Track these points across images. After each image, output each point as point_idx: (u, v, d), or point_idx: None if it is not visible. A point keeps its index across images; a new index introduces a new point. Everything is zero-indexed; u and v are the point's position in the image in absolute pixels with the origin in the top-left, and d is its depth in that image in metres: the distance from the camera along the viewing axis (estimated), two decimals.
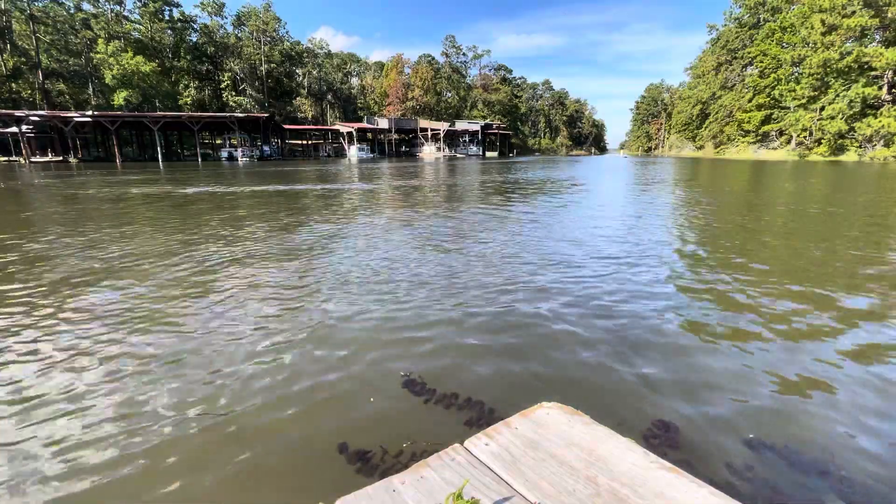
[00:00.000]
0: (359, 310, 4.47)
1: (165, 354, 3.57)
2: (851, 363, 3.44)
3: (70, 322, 4.20)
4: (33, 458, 2.41)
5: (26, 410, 2.84)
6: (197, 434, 2.61)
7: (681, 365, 3.41)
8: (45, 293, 5.00)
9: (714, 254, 7.02)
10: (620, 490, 1.27)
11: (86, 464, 2.37)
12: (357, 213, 11.47)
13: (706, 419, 2.74)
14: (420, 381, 3.12)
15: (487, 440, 1.52)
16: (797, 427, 2.68)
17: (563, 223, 9.80)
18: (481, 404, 2.85)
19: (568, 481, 1.31)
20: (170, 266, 6.12)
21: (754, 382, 3.16)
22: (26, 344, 3.75)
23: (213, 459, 2.40)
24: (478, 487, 1.30)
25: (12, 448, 2.49)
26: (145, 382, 3.16)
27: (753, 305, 4.63)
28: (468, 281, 5.43)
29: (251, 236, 8.24)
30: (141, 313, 4.40)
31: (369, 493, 1.29)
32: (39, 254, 6.87)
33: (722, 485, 2.15)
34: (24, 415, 2.79)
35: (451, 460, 1.43)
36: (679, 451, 2.44)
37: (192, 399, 2.95)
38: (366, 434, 2.58)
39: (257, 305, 4.62)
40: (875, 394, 3.03)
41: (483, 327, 4.08)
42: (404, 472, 1.39)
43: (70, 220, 10.30)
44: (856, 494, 2.17)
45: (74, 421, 2.73)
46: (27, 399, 2.96)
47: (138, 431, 2.63)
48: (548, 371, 3.34)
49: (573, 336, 3.90)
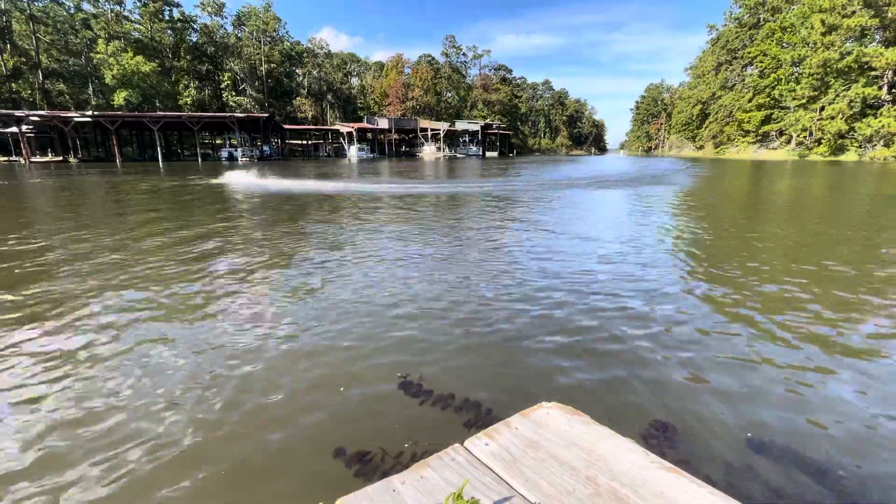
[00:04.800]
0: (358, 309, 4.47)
1: (160, 354, 3.57)
2: (851, 363, 3.44)
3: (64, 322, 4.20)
4: (17, 458, 2.42)
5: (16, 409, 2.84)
6: (196, 434, 2.61)
7: (681, 365, 3.41)
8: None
9: (715, 253, 7.02)
10: (620, 490, 1.27)
11: (81, 465, 2.37)
12: (347, 216, 11.47)
13: (706, 419, 2.74)
14: (416, 383, 3.12)
15: (487, 440, 1.52)
16: (797, 427, 2.68)
17: (564, 221, 9.80)
18: (479, 405, 2.85)
19: (568, 481, 1.31)
20: (168, 263, 6.12)
21: (754, 382, 3.16)
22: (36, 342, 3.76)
23: (213, 459, 2.40)
24: (478, 487, 1.30)
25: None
26: (142, 383, 3.16)
27: (753, 305, 4.63)
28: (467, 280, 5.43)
29: (231, 235, 8.24)
30: (138, 311, 4.41)
31: (369, 494, 1.29)
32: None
33: (722, 485, 2.15)
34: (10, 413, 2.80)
35: (451, 460, 1.43)
36: (679, 451, 2.44)
37: (191, 399, 2.95)
38: (365, 435, 2.58)
39: (255, 305, 4.62)
40: (875, 394, 3.03)
41: (482, 326, 4.08)
42: (404, 472, 1.39)
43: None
44: (856, 494, 2.17)
45: (64, 420, 2.73)
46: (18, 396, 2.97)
47: (134, 433, 2.63)
48: (547, 371, 3.34)
49: (573, 335, 3.90)
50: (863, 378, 3.23)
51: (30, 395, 3.01)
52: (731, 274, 5.79)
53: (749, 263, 6.30)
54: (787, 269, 6.07)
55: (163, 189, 17.96)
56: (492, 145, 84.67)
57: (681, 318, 4.30)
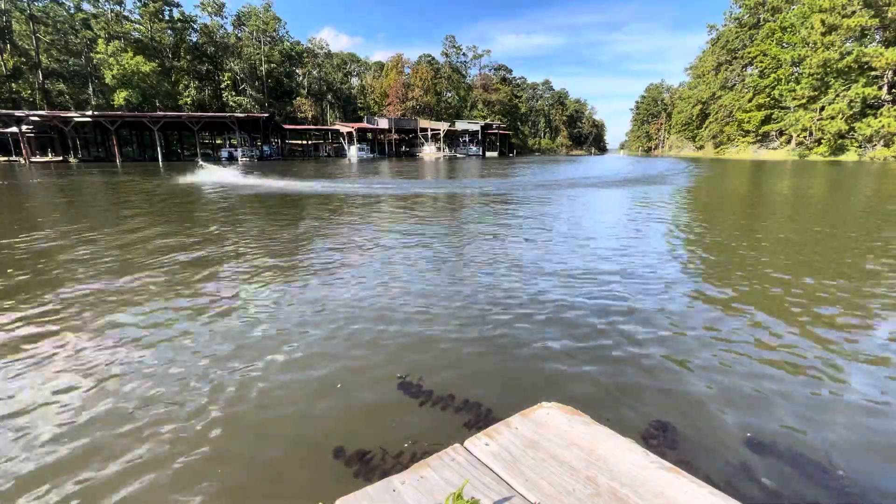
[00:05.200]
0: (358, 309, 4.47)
1: (159, 355, 3.57)
2: (850, 363, 3.44)
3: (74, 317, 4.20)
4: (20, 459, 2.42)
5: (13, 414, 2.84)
6: (196, 434, 2.61)
7: (681, 365, 3.41)
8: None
9: (717, 253, 7.02)
10: (620, 490, 1.27)
11: (78, 467, 2.37)
12: (347, 217, 11.47)
13: (706, 419, 2.74)
14: (416, 383, 3.12)
15: (487, 440, 1.52)
16: (797, 427, 2.68)
17: (562, 218, 9.79)
18: (479, 405, 2.84)
19: (568, 481, 1.31)
20: (164, 261, 6.12)
21: (754, 382, 3.16)
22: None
23: (213, 460, 2.40)
24: (478, 487, 1.30)
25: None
26: (139, 383, 3.16)
27: (754, 306, 4.63)
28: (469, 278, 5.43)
29: (218, 237, 8.25)
30: (136, 310, 4.41)
31: (369, 493, 1.29)
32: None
33: (722, 485, 2.15)
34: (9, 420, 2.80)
35: (451, 460, 1.43)
36: (679, 451, 2.44)
37: (191, 400, 2.95)
38: (365, 435, 2.58)
39: (253, 305, 4.62)
40: (875, 394, 3.03)
41: (481, 327, 4.08)
42: (404, 472, 1.39)
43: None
44: (856, 494, 2.17)
45: (59, 420, 2.73)
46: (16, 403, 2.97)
47: (134, 433, 2.63)
48: (547, 371, 3.34)
49: (573, 336, 3.90)
50: (863, 378, 3.22)
51: (29, 396, 3.01)
52: (733, 274, 5.78)
53: (751, 263, 6.30)
54: (789, 270, 6.06)
55: (143, 189, 17.97)
56: (492, 145, 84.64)
57: (681, 318, 4.30)
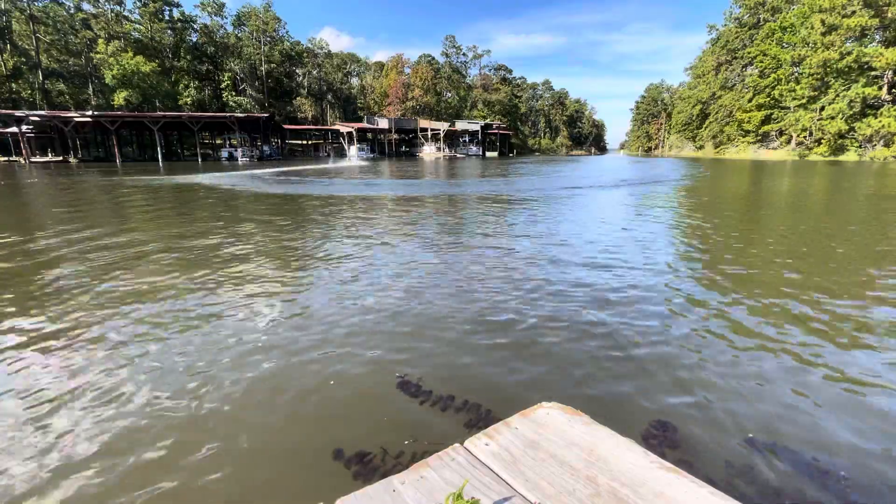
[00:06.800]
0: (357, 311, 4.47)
1: (158, 356, 3.57)
2: (850, 363, 3.44)
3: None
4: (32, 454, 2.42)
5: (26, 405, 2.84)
6: (196, 435, 2.61)
7: (681, 365, 3.41)
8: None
9: (720, 253, 7.02)
10: (620, 490, 1.27)
11: (78, 468, 2.37)
12: (346, 216, 11.47)
13: (706, 419, 2.74)
14: (416, 383, 3.12)
15: (487, 440, 1.52)
16: (797, 427, 2.68)
17: (561, 219, 9.79)
18: (479, 405, 2.84)
19: (568, 481, 1.31)
20: (161, 259, 6.12)
21: (755, 382, 3.16)
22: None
23: (213, 460, 2.40)
24: (478, 487, 1.30)
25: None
26: (139, 383, 3.16)
27: (753, 307, 4.63)
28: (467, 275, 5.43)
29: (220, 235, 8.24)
30: (137, 314, 4.41)
31: (369, 493, 1.29)
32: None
33: (722, 485, 2.15)
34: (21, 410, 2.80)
35: (451, 460, 1.43)
36: (679, 451, 2.44)
37: (190, 400, 2.95)
38: (365, 435, 2.58)
39: (252, 306, 4.62)
40: (875, 394, 3.03)
41: (481, 326, 4.08)
42: (404, 472, 1.39)
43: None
44: (856, 494, 2.17)
45: (56, 421, 2.73)
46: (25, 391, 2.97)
47: (133, 433, 2.63)
48: (546, 371, 3.33)
49: (572, 336, 3.89)
50: (867, 379, 3.22)
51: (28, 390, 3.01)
52: (735, 274, 5.78)
53: (753, 264, 6.30)
54: (792, 270, 6.06)
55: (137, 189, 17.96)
56: (492, 145, 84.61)
57: (681, 318, 4.30)
